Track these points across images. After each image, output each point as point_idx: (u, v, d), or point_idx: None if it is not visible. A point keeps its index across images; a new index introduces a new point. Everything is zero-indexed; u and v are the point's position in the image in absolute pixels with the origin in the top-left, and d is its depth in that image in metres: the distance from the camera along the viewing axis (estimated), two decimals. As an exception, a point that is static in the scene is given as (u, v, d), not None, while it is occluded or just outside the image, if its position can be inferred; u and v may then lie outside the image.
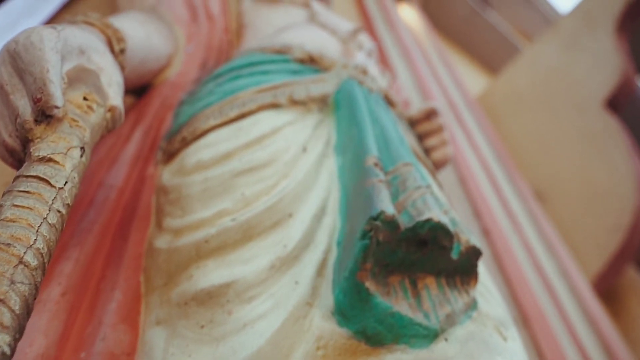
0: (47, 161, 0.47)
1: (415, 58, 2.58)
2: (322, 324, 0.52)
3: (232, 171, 0.67)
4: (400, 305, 0.51)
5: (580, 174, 2.35)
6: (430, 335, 0.51)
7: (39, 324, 0.59)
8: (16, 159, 0.52)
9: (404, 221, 0.54)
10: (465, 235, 0.57)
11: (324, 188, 0.68)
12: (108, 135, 0.80)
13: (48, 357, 0.57)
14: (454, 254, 0.55)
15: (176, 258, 0.61)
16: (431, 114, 1.06)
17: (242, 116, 0.77)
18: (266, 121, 0.76)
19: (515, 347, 0.59)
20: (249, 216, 0.61)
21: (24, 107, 0.50)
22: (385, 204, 0.52)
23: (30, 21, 1.41)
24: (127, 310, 0.62)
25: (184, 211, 0.66)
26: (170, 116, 0.95)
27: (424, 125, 1.07)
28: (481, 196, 1.87)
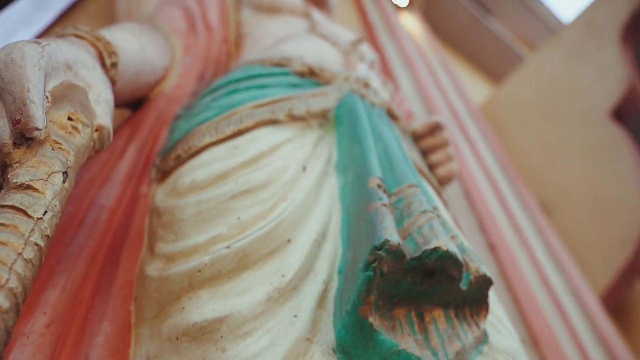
0: (26, 188, 0.44)
1: (418, 67, 2.56)
2: (323, 363, 0.49)
3: (227, 193, 0.63)
4: (407, 342, 0.47)
5: (587, 185, 2.31)
6: (439, 374, 0.48)
7: (21, 358, 0.55)
8: (-6, 185, 0.49)
9: (409, 249, 0.50)
10: (475, 263, 0.53)
11: (325, 211, 0.64)
12: (101, 151, 0.77)
13: (30, 395, 0.53)
14: (463, 284, 0.51)
15: (168, 287, 0.57)
16: (435, 128, 1.03)
17: (238, 133, 0.74)
18: (264, 138, 0.72)
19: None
20: (244, 243, 0.57)
21: (2, 129, 0.46)
22: (390, 232, 0.49)
23: (26, 31, 1.38)
24: (115, 343, 0.58)
25: (177, 236, 0.62)
26: (165, 131, 0.92)
27: (428, 140, 1.03)
28: (487, 210, 1.82)
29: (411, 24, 3.31)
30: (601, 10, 2.63)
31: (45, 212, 0.43)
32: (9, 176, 0.45)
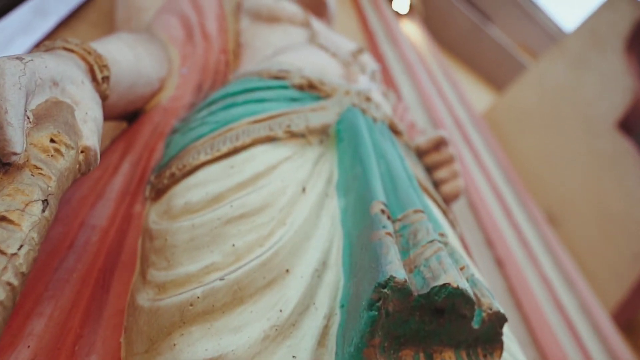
0: (0, 220, 0.40)
1: (419, 74, 2.53)
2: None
3: (221, 218, 0.59)
4: (415, 386, 0.43)
5: (593, 196, 2.28)
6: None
7: (0, 397, 0.51)
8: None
9: (416, 285, 0.46)
10: (487, 298, 0.49)
11: (325, 236, 0.61)
12: (88, 173, 0.74)
13: None
14: (475, 323, 0.48)
15: (158, 321, 0.54)
16: (440, 143, 0.99)
17: (234, 151, 0.70)
18: (261, 157, 0.69)
19: None
20: (239, 274, 0.53)
21: None
22: (395, 267, 0.45)
23: (25, 39, 1.35)
24: (104, 379, 0.55)
25: (169, 263, 0.58)
26: (161, 145, 0.89)
27: (433, 157, 0.99)
28: (493, 223, 1.78)
29: (412, 31, 3.29)
30: (603, 20, 2.61)
31: (21, 246, 0.40)
32: (-18, 206, 0.41)
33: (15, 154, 0.43)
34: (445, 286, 0.44)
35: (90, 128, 0.55)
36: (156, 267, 0.60)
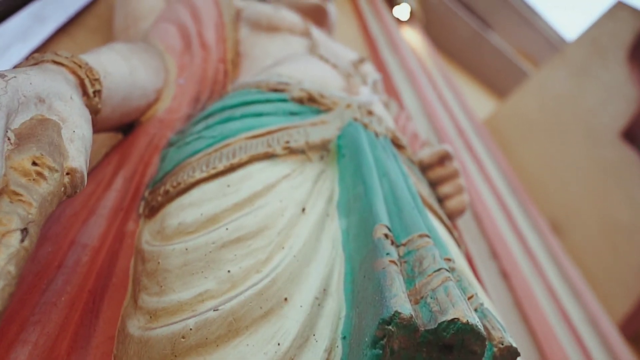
0: (-26, 253, 0.37)
1: (421, 81, 2.50)
2: None
3: (217, 242, 0.56)
4: None
5: (597, 206, 2.25)
6: None
7: None
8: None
9: (423, 318, 0.43)
10: (498, 332, 0.46)
11: (326, 260, 0.57)
12: (74, 196, 0.70)
13: None
14: (486, 359, 0.45)
15: (149, 353, 0.50)
16: (444, 157, 0.96)
17: (231, 169, 0.67)
18: (258, 175, 0.66)
19: None
20: (234, 304, 0.50)
21: None
22: (400, 301, 0.42)
23: (23, 45, 1.33)
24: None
25: (161, 288, 0.55)
26: (156, 159, 0.86)
27: (437, 171, 0.96)
28: (498, 234, 1.75)
29: (413, 38, 3.27)
30: (605, 30, 2.60)
31: (-3, 281, 0.37)
32: (-44, 237, 0.38)
33: (-7, 179, 0.40)
34: (454, 321, 0.41)
35: (77, 148, 0.52)
36: (148, 292, 0.57)
